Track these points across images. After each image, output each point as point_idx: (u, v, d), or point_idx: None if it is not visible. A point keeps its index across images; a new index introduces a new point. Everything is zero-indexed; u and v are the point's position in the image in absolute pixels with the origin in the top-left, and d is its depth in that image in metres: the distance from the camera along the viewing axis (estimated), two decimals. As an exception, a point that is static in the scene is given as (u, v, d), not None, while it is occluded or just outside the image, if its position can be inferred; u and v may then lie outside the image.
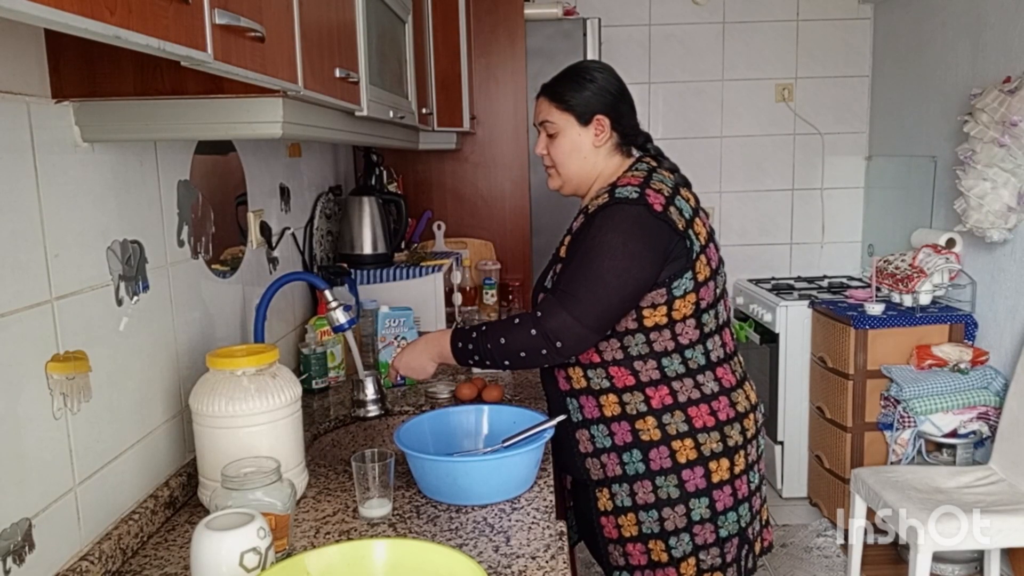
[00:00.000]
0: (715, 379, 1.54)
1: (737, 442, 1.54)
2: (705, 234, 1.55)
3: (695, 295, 1.50)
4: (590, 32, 2.94)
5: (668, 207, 1.49)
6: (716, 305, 1.56)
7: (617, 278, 1.44)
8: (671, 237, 1.47)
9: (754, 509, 1.61)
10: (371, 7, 1.55)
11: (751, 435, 1.57)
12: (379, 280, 2.46)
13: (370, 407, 1.87)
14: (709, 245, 1.55)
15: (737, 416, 1.55)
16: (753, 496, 1.60)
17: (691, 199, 1.58)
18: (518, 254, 3.03)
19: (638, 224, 1.46)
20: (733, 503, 1.55)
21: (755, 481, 1.60)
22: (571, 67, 1.64)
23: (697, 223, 1.54)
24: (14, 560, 1.01)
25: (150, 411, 1.37)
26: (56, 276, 1.10)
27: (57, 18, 0.60)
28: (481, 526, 1.31)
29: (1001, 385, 2.76)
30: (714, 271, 1.55)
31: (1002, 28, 2.80)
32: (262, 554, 1.04)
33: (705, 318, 1.53)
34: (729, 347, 1.60)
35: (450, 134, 2.69)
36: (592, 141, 1.59)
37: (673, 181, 1.57)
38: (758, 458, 1.62)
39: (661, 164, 1.61)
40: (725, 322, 1.60)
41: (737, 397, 1.56)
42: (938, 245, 2.97)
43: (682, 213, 1.51)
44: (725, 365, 1.56)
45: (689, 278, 1.49)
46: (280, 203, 2.06)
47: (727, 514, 1.54)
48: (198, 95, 1.11)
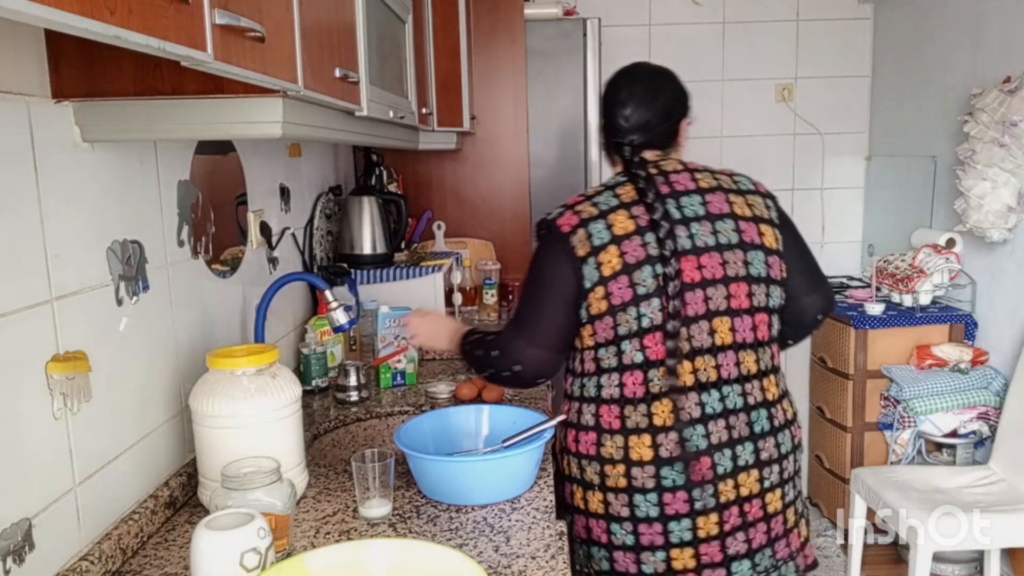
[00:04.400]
0: (595, 414, 1.46)
1: (593, 481, 1.45)
2: (616, 267, 1.40)
3: (591, 327, 1.43)
4: (590, 32, 2.94)
5: (575, 231, 1.43)
6: (620, 343, 1.42)
7: (543, 296, 1.47)
8: (571, 261, 1.42)
9: (618, 566, 1.46)
10: (371, 7, 1.55)
11: (613, 485, 1.43)
12: (379, 280, 2.46)
13: (351, 392, 1.99)
14: (616, 279, 1.40)
15: (597, 458, 1.45)
16: (617, 550, 1.45)
17: (627, 225, 1.42)
18: (518, 254, 3.03)
19: (547, 244, 1.47)
20: (584, 538, 1.50)
21: (621, 537, 1.44)
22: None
23: (608, 252, 1.40)
24: (14, 560, 1.01)
25: (150, 411, 1.37)
26: (56, 276, 1.10)
27: (57, 18, 0.60)
28: (481, 526, 1.31)
29: (1001, 385, 2.76)
30: (614, 309, 1.40)
31: (1002, 28, 2.80)
32: (262, 554, 1.04)
33: (602, 353, 1.44)
34: (632, 390, 1.42)
35: (450, 134, 2.68)
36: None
37: (616, 203, 1.45)
38: (634, 518, 1.43)
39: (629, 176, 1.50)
40: (641, 364, 1.41)
41: (607, 441, 1.44)
42: (938, 245, 2.97)
43: (590, 239, 1.42)
44: (614, 406, 1.43)
45: (584, 307, 1.42)
46: (280, 203, 2.06)
47: (580, 545, 1.52)
48: (198, 95, 1.11)
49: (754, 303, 1.45)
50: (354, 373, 2.00)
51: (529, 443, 1.45)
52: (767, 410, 1.47)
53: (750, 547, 1.45)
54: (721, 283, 1.42)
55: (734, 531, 1.44)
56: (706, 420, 1.41)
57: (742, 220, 1.46)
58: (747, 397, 1.45)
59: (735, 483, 1.43)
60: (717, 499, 1.42)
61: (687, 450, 1.41)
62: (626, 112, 1.53)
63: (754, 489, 1.45)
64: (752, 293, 1.45)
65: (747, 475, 1.44)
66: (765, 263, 1.46)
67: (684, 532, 1.42)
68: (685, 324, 1.40)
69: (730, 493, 1.43)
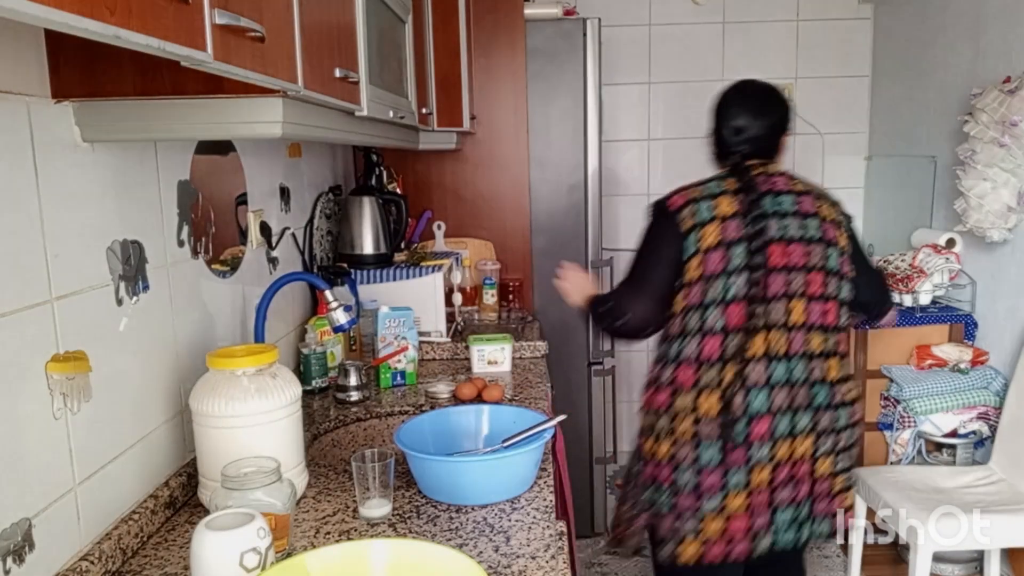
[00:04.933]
0: (673, 374, 1.69)
1: (661, 431, 1.70)
2: (714, 242, 1.63)
3: (683, 292, 1.66)
4: (590, 32, 2.94)
5: (682, 208, 1.68)
6: (705, 310, 1.64)
7: (645, 259, 1.73)
8: (675, 234, 1.66)
9: (679, 506, 1.68)
10: (371, 7, 1.55)
11: (681, 436, 1.66)
12: (379, 280, 2.46)
13: (351, 392, 2.00)
14: (713, 252, 1.63)
15: (668, 411, 1.69)
16: (679, 495, 1.68)
17: (727, 209, 1.66)
18: (518, 254, 3.03)
19: (655, 218, 1.73)
20: (650, 482, 1.73)
21: (684, 481, 1.67)
22: None
23: (709, 228, 1.64)
24: (14, 560, 1.01)
25: (150, 411, 1.37)
26: (56, 276, 1.10)
27: (57, 18, 0.60)
28: (481, 526, 1.31)
29: (1001, 385, 2.76)
30: (706, 277, 1.63)
31: (1002, 28, 2.80)
32: (262, 554, 1.04)
33: (690, 317, 1.66)
34: (708, 353, 1.64)
35: (450, 134, 2.68)
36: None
37: (719, 190, 1.69)
38: (698, 465, 1.65)
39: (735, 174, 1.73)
40: (720, 330, 1.64)
41: (681, 397, 1.67)
42: (938, 245, 2.97)
43: (695, 215, 1.66)
44: (691, 366, 1.66)
45: (681, 275, 1.66)
46: (280, 203, 2.06)
47: (643, 488, 1.75)
48: (198, 95, 1.11)
49: (827, 291, 1.68)
50: (354, 373, 2.00)
51: (529, 443, 1.45)
52: (828, 388, 1.68)
53: (794, 500, 1.68)
54: (802, 271, 1.66)
55: (783, 485, 1.67)
56: (771, 387, 1.64)
57: (825, 222, 1.71)
58: (811, 372, 1.67)
59: (790, 445, 1.65)
60: (772, 456, 1.65)
61: (750, 411, 1.63)
62: (738, 125, 1.78)
63: (807, 453, 1.67)
64: (827, 283, 1.68)
65: (802, 440, 1.66)
66: (839, 260, 1.71)
67: (740, 480, 1.65)
68: (766, 302, 1.63)
69: (784, 453, 1.65)
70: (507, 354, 2.23)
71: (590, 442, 3.15)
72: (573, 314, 3.06)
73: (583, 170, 3.01)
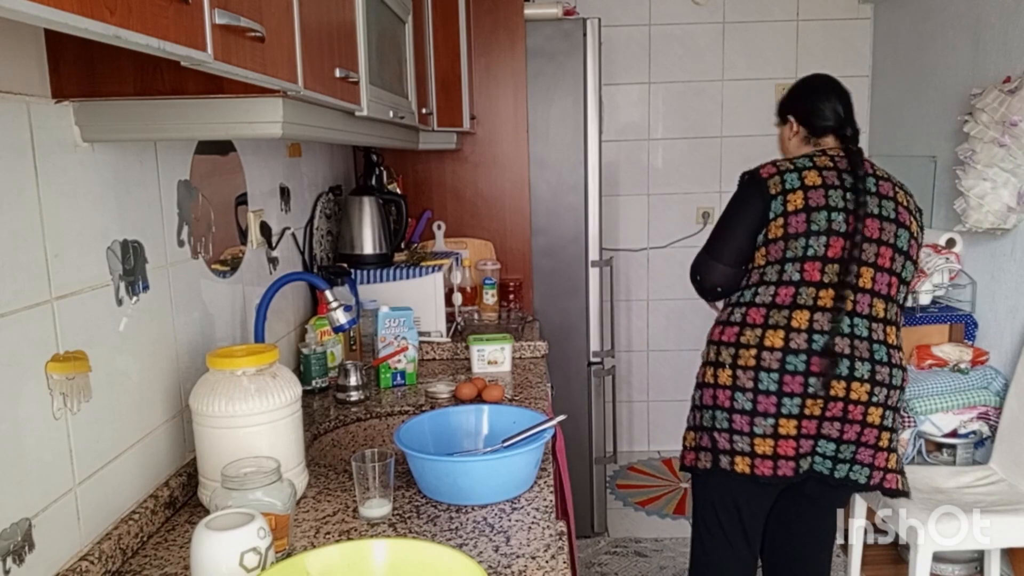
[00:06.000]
0: (744, 314, 1.88)
1: (725, 360, 1.88)
2: (800, 204, 1.82)
3: (764, 249, 1.86)
4: (590, 32, 2.94)
5: (772, 176, 1.88)
6: (784, 264, 1.83)
7: (730, 222, 1.95)
8: (763, 197, 1.86)
9: (735, 424, 1.87)
10: (371, 7, 1.55)
11: (743, 364, 1.85)
12: (379, 280, 2.45)
13: (351, 392, 2.00)
14: (797, 215, 1.82)
15: (736, 343, 1.87)
16: (736, 414, 1.87)
17: (816, 180, 1.85)
18: (518, 254, 3.03)
19: (745, 185, 1.93)
20: (711, 404, 1.92)
21: (741, 403, 1.86)
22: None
23: (795, 195, 1.83)
24: (14, 560, 1.01)
25: (150, 411, 1.37)
26: (56, 276, 1.10)
27: (57, 18, 0.60)
28: (481, 526, 1.31)
29: (1001, 385, 2.76)
30: (789, 235, 1.82)
31: (1002, 28, 2.80)
32: (262, 554, 1.04)
33: (768, 270, 1.86)
34: (782, 299, 1.83)
35: (450, 134, 2.68)
36: (787, 134, 2.09)
37: (809, 164, 1.88)
38: (756, 389, 1.83)
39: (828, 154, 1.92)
40: (797, 281, 1.82)
41: (748, 332, 1.85)
42: (938, 245, 2.97)
43: (783, 182, 1.86)
44: (762, 308, 1.85)
45: (762, 234, 1.87)
46: (280, 203, 2.06)
47: (703, 411, 1.95)
48: (198, 95, 1.11)
49: (894, 267, 1.87)
50: (354, 373, 2.00)
51: (529, 443, 1.45)
52: (886, 348, 1.85)
53: (840, 436, 1.83)
54: (876, 243, 1.84)
55: (832, 419, 1.82)
56: (835, 334, 1.81)
57: (900, 206, 1.90)
58: (872, 332, 1.84)
59: (847, 387, 1.81)
60: (827, 391, 1.80)
61: (813, 348, 1.80)
62: (837, 108, 2.00)
63: (862, 397, 1.82)
64: (894, 258, 1.86)
65: (860, 385, 1.81)
66: (908, 242, 1.89)
67: (793, 407, 1.81)
68: (843, 264, 1.81)
69: (840, 391, 1.81)
70: (507, 354, 2.23)
71: (590, 442, 3.15)
72: (573, 314, 3.06)
73: (583, 170, 3.01)
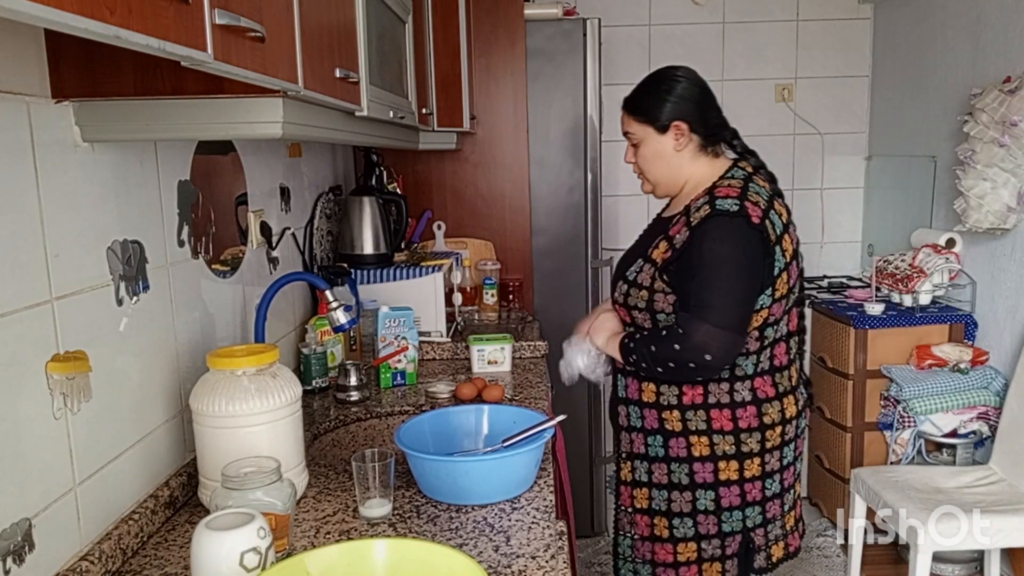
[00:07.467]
0: (751, 389, 1.61)
1: (752, 449, 1.61)
2: (791, 251, 1.59)
3: (768, 310, 1.57)
4: (590, 32, 2.94)
5: (764, 220, 1.54)
6: (780, 320, 1.61)
7: (742, 281, 1.53)
8: (765, 250, 1.53)
9: (768, 514, 1.66)
10: (371, 7, 1.55)
11: (771, 446, 1.62)
12: (379, 280, 2.45)
13: (352, 392, 2.00)
14: (792, 263, 1.59)
15: (760, 426, 1.61)
16: (768, 502, 1.65)
17: (783, 213, 1.61)
18: (518, 254, 3.03)
19: (742, 235, 1.52)
20: (740, 503, 1.63)
21: (772, 488, 1.65)
22: (648, 77, 1.69)
23: (785, 239, 1.58)
24: (14, 560, 1.01)
25: (150, 411, 1.37)
26: (56, 276, 1.10)
27: (57, 18, 0.60)
28: (481, 526, 1.31)
29: (1001, 385, 2.76)
30: (790, 289, 1.59)
31: (1002, 28, 2.80)
32: (262, 554, 1.04)
33: (767, 331, 1.60)
34: (779, 360, 1.64)
35: (450, 134, 2.68)
36: (673, 146, 1.65)
37: (768, 192, 1.61)
38: (782, 468, 1.65)
39: (757, 172, 1.65)
40: (784, 335, 1.64)
41: (768, 409, 1.61)
42: (938, 245, 2.97)
43: (774, 227, 1.55)
44: (767, 377, 1.62)
45: (768, 294, 1.56)
46: (280, 203, 2.06)
47: (732, 512, 1.64)
48: (198, 95, 1.11)
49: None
50: (354, 373, 2.01)
51: (529, 443, 1.45)
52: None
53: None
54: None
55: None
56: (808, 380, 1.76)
57: None
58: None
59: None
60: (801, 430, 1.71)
61: (809, 403, 1.72)
62: (717, 109, 1.71)
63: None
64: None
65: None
66: None
67: (800, 466, 1.73)
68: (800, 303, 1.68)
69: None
70: (507, 354, 2.23)
71: (590, 442, 3.15)
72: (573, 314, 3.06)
73: (583, 170, 3.01)
